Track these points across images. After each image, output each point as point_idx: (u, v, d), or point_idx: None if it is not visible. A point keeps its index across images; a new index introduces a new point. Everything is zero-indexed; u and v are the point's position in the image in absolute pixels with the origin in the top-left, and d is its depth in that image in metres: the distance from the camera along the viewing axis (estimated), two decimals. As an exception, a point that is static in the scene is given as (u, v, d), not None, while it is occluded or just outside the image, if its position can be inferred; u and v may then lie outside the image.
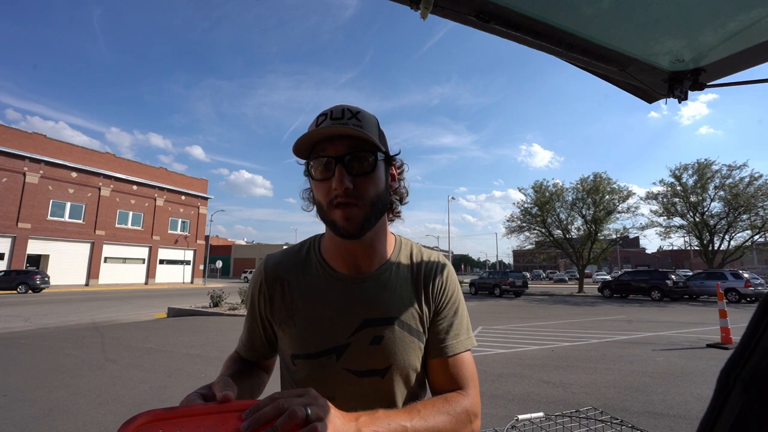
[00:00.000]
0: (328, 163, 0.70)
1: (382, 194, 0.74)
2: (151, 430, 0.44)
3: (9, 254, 25.68)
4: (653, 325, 10.18)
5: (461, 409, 0.70)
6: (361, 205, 0.70)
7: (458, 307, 0.83)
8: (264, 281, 0.82)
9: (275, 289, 0.81)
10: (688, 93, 0.98)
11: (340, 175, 0.68)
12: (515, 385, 4.72)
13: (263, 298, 0.81)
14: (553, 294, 25.01)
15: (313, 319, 0.76)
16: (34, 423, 3.53)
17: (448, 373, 0.76)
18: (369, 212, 0.71)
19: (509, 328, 9.57)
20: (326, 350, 0.74)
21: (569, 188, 27.50)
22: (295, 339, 0.77)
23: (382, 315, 0.76)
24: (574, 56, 0.89)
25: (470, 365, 0.79)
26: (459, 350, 0.78)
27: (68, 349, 6.74)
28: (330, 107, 0.74)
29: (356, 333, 0.75)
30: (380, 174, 0.73)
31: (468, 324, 0.84)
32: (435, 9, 0.77)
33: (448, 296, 0.82)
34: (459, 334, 0.80)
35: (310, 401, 0.50)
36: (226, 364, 0.85)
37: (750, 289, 17.32)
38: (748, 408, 0.32)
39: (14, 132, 26.49)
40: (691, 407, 3.93)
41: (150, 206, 34.87)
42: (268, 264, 0.84)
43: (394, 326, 0.76)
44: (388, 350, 0.75)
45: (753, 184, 22.72)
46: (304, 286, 0.80)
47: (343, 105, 0.73)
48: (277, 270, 0.82)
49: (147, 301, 16.69)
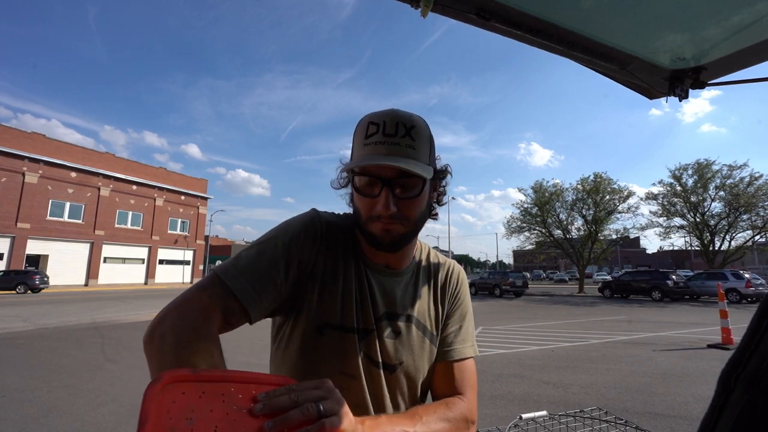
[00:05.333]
0: (375, 183, 0.68)
1: (424, 213, 0.74)
2: (174, 390, 0.44)
3: (8, 254, 25.68)
4: (654, 325, 10.18)
5: (460, 415, 0.71)
6: (405, 224, 0.70)
7: (466, 314, 0.85)
8: (320, 234, 0.74)
9: (326, 247, 0.75)
10: (689, 91, 0.98)
11: (386, 200, 0.67)
12: (515, 386, 4.72)
13: (313, 249, 0.73)
14: (554, 294, 25.01)
15: (349, 293, 0.74)
16: (34, 423, 3.53)
17: (451, 378, 0.77)
18: (410, 230, 0.71)
19: (509, 329, 9.57)
20: (354, 329, 0.72)
21: (569, 188, 27.53)
22: (330, 306, 0.72)
23: (401, 312, 0.77)
24: (575, 54, 0.89)
25: (472, 372, 0.80)
26: (465, 356, 0.79)
27: (67, 350, 6.74)
28: (383, 115, 0.69)
29: (379, 322, 0.75)
30: (425, 195, 0.72)
31: (473, 332, 0.85)
32: (435, 7, 0.77)
33: (460, 301, 0.84)
34: (466, 339, 0.81)
35: (325, 395, 0.49)
36: (212, 341, 0.58)
37: (751, 290, 17.32)
38: (749, 409, 0.32)
39: (13, 132, 26.51)
40: (692, 408, 3.93)
41: (149, 206, 34.87)
42: (323, 218, 0.77)
43: (411, 324, 0.77)
44: (402, 347, 0.76)
45: (753, 184, 22.73)
46: (347, 258, 0.76)
47: (397, 115, 0.69)
48: (333, 230, 0.77)
49: (147, 302, 16.69)
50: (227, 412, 0.45)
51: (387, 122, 0.68)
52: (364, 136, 0.69)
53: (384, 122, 0.68)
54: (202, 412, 0.44)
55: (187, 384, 0.45)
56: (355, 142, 0.72)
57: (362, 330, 0.73)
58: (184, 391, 0.44)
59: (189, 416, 0.43)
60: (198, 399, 0.45)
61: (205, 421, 0.43)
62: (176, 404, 0.43)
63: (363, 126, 0.70)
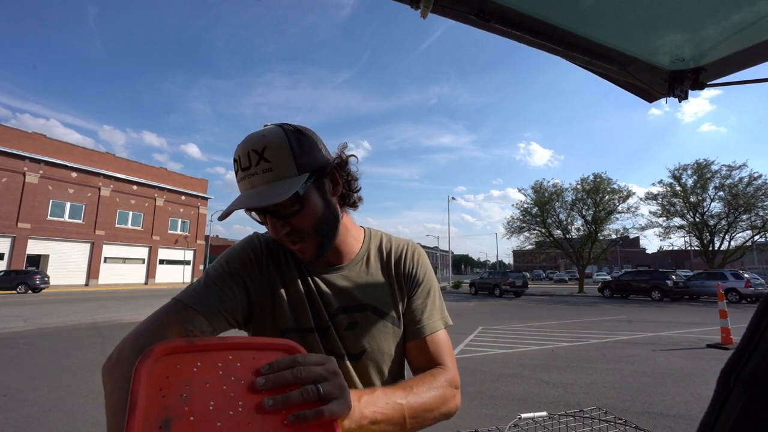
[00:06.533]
0: (258, 216, 0.73)
1: (324, 216, 0.74)
2: (167, 363, 0.41)
3: (9, 254, 25.67)
4: (653, 325, 10.18)
5: (446, 382, 0.74)
6: (307, 238, 0.73)
7: (430, 289, 0.86)
8: (259, 251, 0.80)
9: (268, 260, 0.79)
10: (688, 92, 0.98)
11: (273, 227, 0.71)
12: (515, 386, 4.72)
13: (255, 266, 0.78)
14: (553, 294, 25.01)
15: (299, 297, 0.77)
16: (34, 423, 3.53)
17: (427, 353, 0.80)
18: (318, 239, 0.74)
19: (509, 329, 9.57)
20: (312, 328, 0.76)
21: (569, 188, 27.53)
22: (285, 312, 0.76)
23: (355, 302, 0.79)
24: (574, 55, 0.89)
25: (446, 342, 0.82)
26: (434, 330, 0.81)
27: (68, 350, 6.74)
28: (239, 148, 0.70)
29: (333, 318, 0.77)
30: (314, 200, 0.73)
31: (441, 304, 0.87)
32: (435, 8, 0.77)
33: (419, 279, 0.85)
34: (432, 314, 0.83)
35: (327, 375, 0.49)
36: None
37: (750, 290, 17.30)
38: (749, 408, 0.32)
39: (14, 132, 26.50)
40: (692, 407, 3.93)
41: (150, 206, 34.86)
42: (261, 237, 0.83)
43: (367, 313, 0.79)
44: (362, 336, 0.78)
45: (752, 184, 22.72)
46: (289, 266, 0.80)
47: (249, 143, 0.69)
48: (270, 246, 0.81)
49: (147, 301, 16.69)
50: (225, 386, 0.42)
51: (241, 156, 0.70)
52: (236, 174, 0.72)
53: (239, 157, 0.70)
54: (198, 387, 0.41)
55: (181, 356, 0.42)
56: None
57: (320, 328, 0.76)
58: (178, 363, 0.42)
59: (184, 392, 0.40)
60: (193, 372, 0.42)
61: (200, 397, 0.40)
62: (170, 379, 0.40)
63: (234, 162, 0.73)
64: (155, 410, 0.38)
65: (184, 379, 0.41)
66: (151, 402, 0.38)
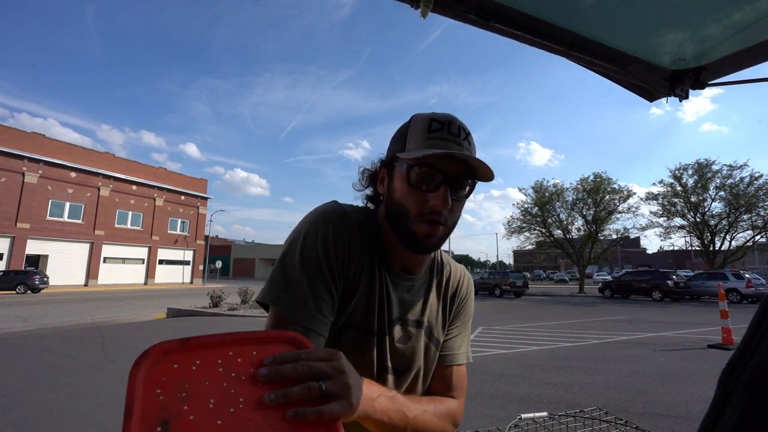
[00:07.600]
0: (435, 177, 0.67)
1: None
2: (164, 364, 0.41)
3: (8, 254, 25.66)
4: (654, 325, 10.17)
5: (449, 412, 0.74)
6: (447, 227, 0.70)
7: (469, 321, 0.87)
8: (354, 231, 0.71)
9: (357, 247, 0.71)
10: (689, 92, 0.98)
11: (445, 196, 0.66)
12: (516, 386, 4.72)
13: (347, 250, 0.70)
14: (554, 294, 25.01)
15: (372, 296, 0.73)
16: (34, 424, 3.53)
17: (446, 381, 0.80)
18: (448, 231, 0.72)
19: (510, 329, 9.57)
20: (373, 331, 0.72)
21: (569, 188, 27.54)
22: (354, 309, 0.71)
23: (414, 317, 0.78)
24: (575, 55, 0.89)
25: (464, 376, 0.83)
26: (460, 362, 0.82)
27: (67, 350, 6.74)
28: (443, 116, 0.69)
29: (392, 326, 0.74)
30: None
31: (469, 339, 0.88)
32: (435, 7, 0.77)
33: (466, 309, 0.86)
34: (462, 345, 0.84)
35: (330, 372, 0.47)
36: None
37: (751, 290, 17.32)
38: (750, 409, 0.32)
39: (13, 132, 26.49)
40: (692, 408, 3.93)
41: (149, 206, 34.86)
42: (350, 214, 0.73)
43: (421, 330, 0.78)
44: (412, 352, 0.77)
45: (753, 183, 22.73)
46: (371, 259, 0.74)
47: (458, 119, 0.70)
48: (361, 229, 0.73)
49: (146, 302, 16.69)
50: (224, 382, 0.41)
51: (451, 124, 0.68)
52: (427, 131, 0.68)
53: (448, 122, 0.69)
54: (197, 385, 0.40)
55: (178, 355, 0.42)
56: (411, 136, 0.69)
57: (380, 333, 0.73)
58: (176, 363, 0.41)
59: (182, 391, 0.39)
60: (192, 371, 0.41)
61: (199, 396, 0.40)
62: (168, 379, 0.40)
63: (423, 122, 0.69)
64: (153, 412, 0.37)
65: (183, 378, 0.40)
66: (149, 404, 0.37)
